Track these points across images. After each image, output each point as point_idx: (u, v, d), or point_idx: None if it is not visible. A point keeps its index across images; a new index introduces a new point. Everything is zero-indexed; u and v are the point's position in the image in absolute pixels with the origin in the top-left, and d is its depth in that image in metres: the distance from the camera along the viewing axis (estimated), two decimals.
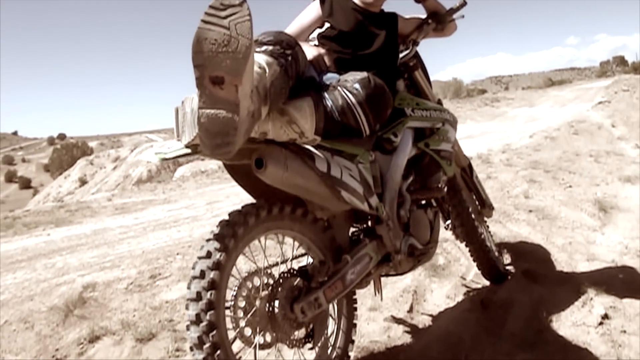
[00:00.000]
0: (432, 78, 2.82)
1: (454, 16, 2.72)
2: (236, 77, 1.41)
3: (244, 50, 1.41)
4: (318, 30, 2.50)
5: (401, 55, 2.68)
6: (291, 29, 2.53)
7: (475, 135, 12.03)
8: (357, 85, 1.93)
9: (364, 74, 1.99)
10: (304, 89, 1.90)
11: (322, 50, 2.29)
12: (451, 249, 3.53)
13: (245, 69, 1.42)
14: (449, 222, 3.01)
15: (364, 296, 2.76)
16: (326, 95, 1.90)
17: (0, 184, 59.50)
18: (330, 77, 2.21)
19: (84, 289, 3.45)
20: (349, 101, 1.89)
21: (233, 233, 1.78)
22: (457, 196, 2.91)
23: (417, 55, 2.75)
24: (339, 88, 1.92)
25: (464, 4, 2.66)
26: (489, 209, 3.24)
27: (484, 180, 5.79)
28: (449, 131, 2.64)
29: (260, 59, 1.70)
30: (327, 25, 2.49)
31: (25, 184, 60.77)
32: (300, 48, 1.89)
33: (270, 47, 1.78)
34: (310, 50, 2.28)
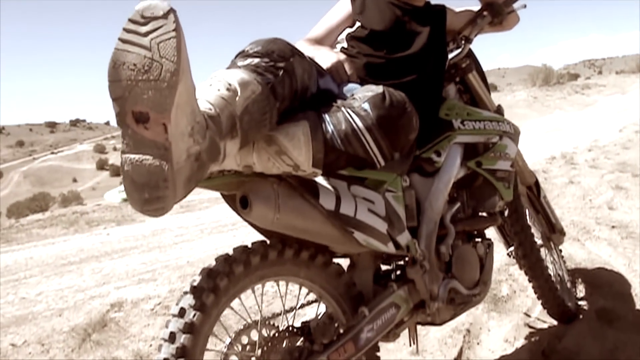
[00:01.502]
0: (522, 62, 2.39)
1: (514, 6, 2.24)
2: (162, 113, 1.05)
3: (169, 77, 1.03)
4: (348, 30, 2.11)
5: (451, 55, 2.25)
6: (317, 30, 2.14)
7: (563, 128, 11.21)
8: (366, 105, 1.52)
9: (379, 90, 1.57)
10: (304, 108, 1.53)
11: (341, 56, 1.89)
12: (518, 274, 3.05)
13: (173, 103, 1.05)
14: (511, 248, 2.54)
15: (403, 334, 2.35)
16: (327, 118, 1.50)
17: (92, 171, 62.29)
18: (351, 89, 1.81)
19: (110, 308, 3.27)
20: (354, 126, 1.48)
21: (214, 286, 1.44)
22: (520, 222, 2.43)
23: (470, 55, 2.30)
24: (343, 109, 1.52)
25: None
26: (560, 235, 2.73)
27: (566, 185, 5.22)
28: (508, 146, 2.18)
29: (234, 77, 1.34)
30: (358, 24, 2.09)
31: (116, 171, 63.38)
32: (300, 58, 1.51)
33: (256, 60, 1.42)
34: (328, 56, 1.88)
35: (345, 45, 2.08)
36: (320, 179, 1.60)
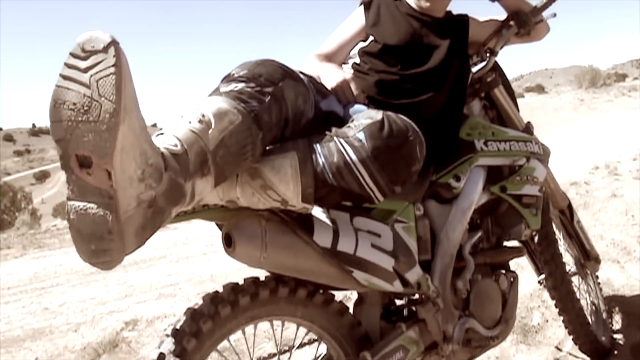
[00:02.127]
0: (569, 62, 2.18)
1: (543, 15, 2.05)
2: (103, 158, 0.92)
3: (108, 119, 0.90)
4: (361, 45, 1.96)
5: (475, 69, 2.08)
6: (328, 45, 2.00)
7: (608, 133, 10.74)
8: (361, 135, 1.36)
9: (377, 117, 1.41)
10: (296, 136, 1.39)
11: (347, 75, 1.73)
12: (552, 302, 2.83)
13: (115, 146, 0.92)
14: (542, 276, 2.34)
15: None
16: (319, 149, 1.35)
17: None
18: (357, 110, 1.66)
19: (125, 326, 3.19)
20: (347, 158, 1.33)
21: (196, 330, 1.32)
22: (550, 250, 2.24)
23: (496, 68, 2.12)
24: (335, 139, 1.36)
25: None
26: (595, 262, 2.51)
27: (608, 198, 4.93)
28: (536, 169, 1.99)
29: (209, 106, 1.21)
30: (371, 38, 1.94)
31: None
32: (292, 81, 1.38)
33: (240, 86, 1.28)
34: (333, 75, 1.74)
35: (357, 60, 1.93)
36: (319, 211, 1.45)
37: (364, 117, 1.43)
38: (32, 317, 3.82)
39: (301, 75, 1.48)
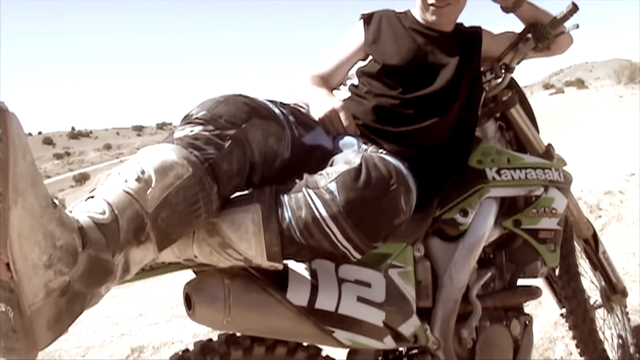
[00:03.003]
0: (608, 56, 1.95)
1: (564, 27, 1.85)
2: None
3: None
4: (360, 64, 1.79)
5: (489, 87, 1.90)
6: (324, 65, 1.84)
7: None
8: (332, 186, 1.18)
9: (354, 162, 1.23)
10: (266, 182, 1.23)
11: (337, 103, 1.57)
12: None
13: (9, 234, 0.77)
14: (564, 310, 2.14)
15: None
16: (286, 200, 1.18)
17: None
18: (347, 143, 1.51)
19: (131, 353, 3.08)
20: (315, 213, 1.16)
21: None
22: (571, 285, 2.03)
23: (512, 85, 1.94)
24: (304, 190, 1.19)
25: (574, 9, 1.79)
26: (622, 296, 2.29)
27: None
28: (555, 199, 1.79)
29: (153, 159, 1.06)
30: (370, 57, 1.77)
31: None
32: (260, 120, 1.23)
33: (197, 130, 1.14)
34: (322, 103, 1.57)
35: (355, 81, 1.77)
36: (295, 262, 1.30)
37: (341, 161, 1.27)
38: None
39: (276, 110, 1.33)
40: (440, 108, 1.66)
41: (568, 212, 2.09)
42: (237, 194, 1.22)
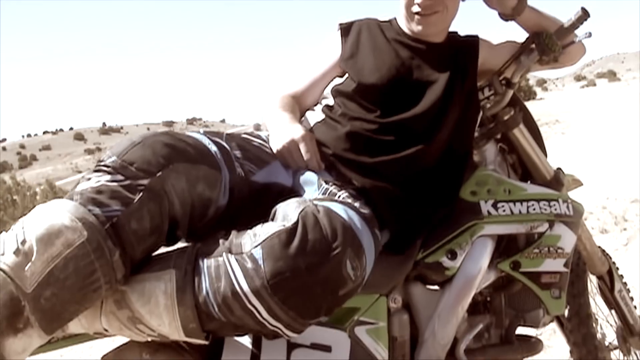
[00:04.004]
0: (634, 48, 1.68)
1: (576, 35, 1.59)
2: None
3: None
4: (337, 81, 1.57)
5: (489, 104, 1.66)
6: (298, 83, 1.62)
7: None
8: (257, 252, 0.96)
9: (290, 218, 1.01)
10: (197, 234, 1.04)
11: (296, 133, 1.35)
12: None
13: None
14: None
15: None
16: (205, 267, 0.97)
17: None
18: (307, 181, 1.29)
19: None
20: (235, 287, 0.94)
21: None
22: (581, 330, 1.79)
23: (515, 102, 1.70)
24: (224, 256, 0.98)
25: (584, 16, 1.54)
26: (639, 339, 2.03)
27: None
28: (562, 237, 1.54)
29: (37, 225, 0.88)
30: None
31: None
32: (186, 165, 1.04)
33: (103, 180, 0.96)
34: (283, 132, 1.37)
35: (330, 102, 1.55)
36: None
37: (280, 214, 1.06)
38: None
39: (212, 148, 1.13)
40: (425, 133, 1.43)
41: (580, 246, 1.84)
42: (157, 252, 1.02)
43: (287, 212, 1.04)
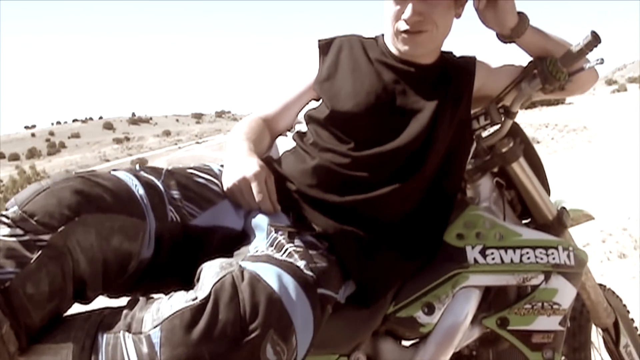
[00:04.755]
0: None
1: (586, 62, 1.39)
2: None
3: None
4: (313, 105, 1.41)
5: (485, 133, 1.48)
6: (271, 105, 1.47)
7: None
8: (155, 335, 0.81)
9: (202, 291, 0.86)
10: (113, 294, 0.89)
11: (248, 170, 1.18)
12: None
13: None
14: None
15: None
16: (103, 344, 0.82)
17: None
18: (257, 225, 1.13)
19: None
20: None
21: None
22: None
23: (516, 133, 1.51)
24: (121, 334, 0.83)
25: (595, 42, 1.32)
26: None
27: None
28: (559, 291, 1.36)
29: None
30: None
31: None
32: (97, 215, 0.90)
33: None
34: (232, 168, 1.21)
35: (303, 128, 1.39)
36: None
37: (198, 282, 0.90)
38: None
39: (138, 192, 0.99)
40: (405, 170, 1.27)
41: (584, 295, 1.66)
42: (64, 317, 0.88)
43: (203, 280, 0.89)
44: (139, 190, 1.01)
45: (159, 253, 1.01)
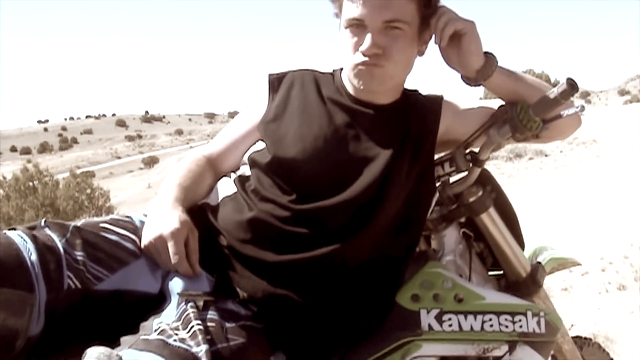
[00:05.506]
0: None
1: (565, 108, 1.22)
2: None
3: None
4: (260, 145, 1.27)
5: (453, 178, 1.34)
6: (217, 143, 1.35)
7: None
8: None
9: None
10: None
11: (166, 228, 1.05)
12: None
13: None
14: None
15: None
16: None
17: None
18: (173, 290, 1.00)
19: None
20: None
21: None
22: None
23: (486, 181, 1.37)
24: None
25: (570, 91, 1.15)
26: None
27: None
28: None
29: None
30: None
31: None
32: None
33: None
34: (152, 224, 1.08)
35: (247, 171, 1.26)
36: None
37: None
38: None
39: (29, 258, 0.90)
40: (351, 227, 1.13)
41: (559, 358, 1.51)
42: None
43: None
44: (32, 257, 0.89)
45: (52, 327, 0.89)
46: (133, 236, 1.07)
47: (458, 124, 1.31)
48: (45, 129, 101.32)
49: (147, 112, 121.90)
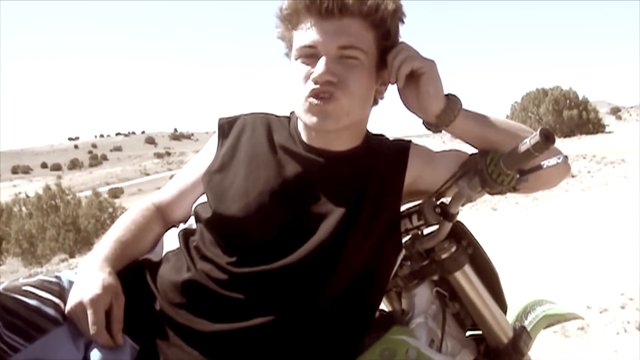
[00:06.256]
0: None
1: (545, 161, 1.07)
2: None
3: None
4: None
5: (426, 231, 1.21)
6: (167, 190, 1.25)
7: None
8: None
9: None
10: None
11: (89, 292, 0.95)
12: None
13: None
14: None
15: None
16: None
17: None
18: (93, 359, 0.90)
19: None
20: None
21: None
22: None
23: (460, 236, 1.22)
24: None
25: (544, 145, 0.99)
26: None
27: None
28: None
29: None
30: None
31: None
32: None
33: None
34: (76, 286, 0.99)
35: (193, 224, 1.14)
36: None
37: None
38: None
39: None
40: (296, 294, 1.01)
41: None
42: None
43: None
44: None
45: None
46: (57, 300, 0.96)
47: (428, 173, 1.18)
48: (76, 146, 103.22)
49: (175, 130, 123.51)
